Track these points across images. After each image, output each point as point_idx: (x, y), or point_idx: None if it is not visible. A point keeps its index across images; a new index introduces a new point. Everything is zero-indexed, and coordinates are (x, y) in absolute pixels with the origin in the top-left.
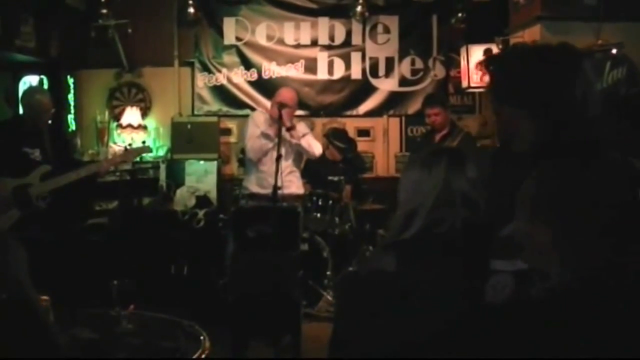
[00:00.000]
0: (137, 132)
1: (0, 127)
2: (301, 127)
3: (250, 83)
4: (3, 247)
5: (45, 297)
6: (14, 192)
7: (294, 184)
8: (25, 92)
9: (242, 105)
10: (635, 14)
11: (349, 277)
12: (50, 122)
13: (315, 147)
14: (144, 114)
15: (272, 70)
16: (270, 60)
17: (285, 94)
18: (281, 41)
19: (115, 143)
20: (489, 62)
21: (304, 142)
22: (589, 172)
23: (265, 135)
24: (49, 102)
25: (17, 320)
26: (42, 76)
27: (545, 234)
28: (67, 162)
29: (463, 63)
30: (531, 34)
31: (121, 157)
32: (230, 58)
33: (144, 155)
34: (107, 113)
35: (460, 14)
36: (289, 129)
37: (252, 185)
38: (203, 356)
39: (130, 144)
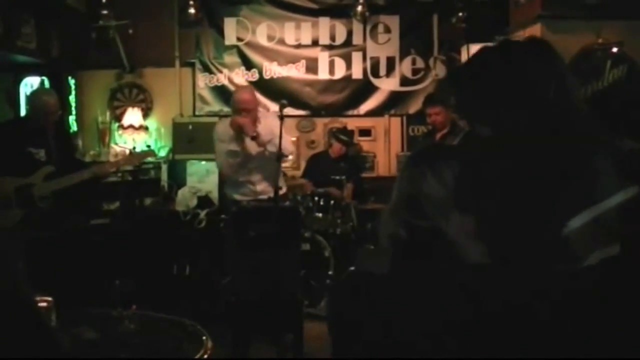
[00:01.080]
0: (139, 133)
1: (5, 127)
2: (269, 129)
3: (251, 83)
4: (5, 245)
5: (48, 298)
6: (17, 191)
7: (271, 189)
8: (32, 94)
9: None
10: (636, 12)
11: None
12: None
13: (284, 148)
14: (145, 115)
15: (273, 70)
16: (271, 60)
17: (242, 97)
18: (282, 41)
19: (116, 144)
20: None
21: (270, 148)
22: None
23: (231, 153)
24: (56, 104)
25: (14, 319)
26: (43, 77)
27: (469, 223)
28: (71, 163)
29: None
30: (532, 33)
31: (125, 161)
32: (231, 58)
33: None
34: (108, 114)
35: (461, 13)
36: (253, 138)
37: (235, 193)
38: (205, 356)
39: (134, 147)
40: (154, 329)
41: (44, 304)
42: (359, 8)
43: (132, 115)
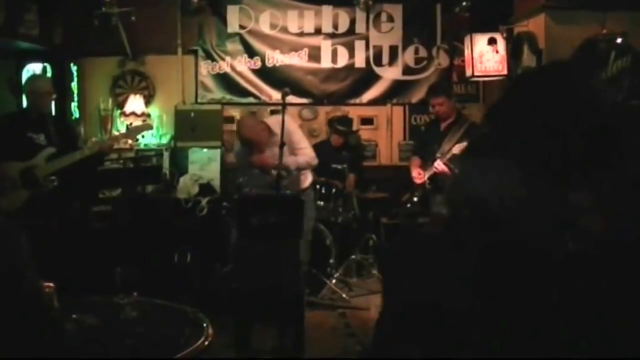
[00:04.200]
0: (141, 120)
1: (6, 117)
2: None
3: (254, 71)
4: (7, 235)
5: (50, 284)
6: (22, 174)
7: (306, 180)
8: (26, 80)
9: (245, 93)
10: None
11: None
12: (52, 108)
13: (307, 163)
14: (148, 102)
15: (275, 58)
16: (274, 48)
17: (244, 135)
18: (285, 29)
19: (118, 131)
20: None
21: (294, 170)
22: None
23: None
24: (49, 87)
25: (20, 308)
26: (46, 64)
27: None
28: (72, 148)
29: (467, 52)
30: (536, 23)
31: (124, 135)
32: (233, 46)
33: (147, 143)
34: (110, 101)
35: (464, 3)
36: (276, 168)
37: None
38: (206, 343)
39: (131, 123)
40: (155, 316)
41: (45, 290)
42: None
43: (134, 103)
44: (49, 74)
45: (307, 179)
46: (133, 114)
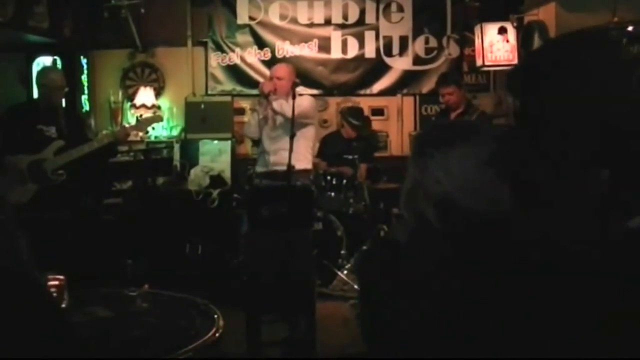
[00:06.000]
0: (151, 112)
1: (17, 108)
2: (297, 103)
3: (264, 62)
4: (9, 235)
5: (60, 277)
6: (29, 167)
7: (297, 161)
8: (39, 72)
9: (255, 84)
10: None
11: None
12: (64, 102)
13: (281, 106)
14: (158, 94)
15: (285, 49)
16: (284, 39)
17: (276, 67)
18: (294, 20)
19: (129, 123)
20: None
21: (275, 105)
22: None
23: (254, 113)
24: (61, 80)
25: (22, 299)
26: (56, 57)
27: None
28: (82, 141)
29: (477, 41)
30: (546, 12)
31: (134, 127)
32: (243, 37)
33: (158, 135)
34: (120, 93)
35: None
36: (266, 96)
37: (258, 165)
38: (217, 335)
39: (141, 115)
40: (166, 308)
41: (56, 283)
42: None
43: (145, 95)
44: (59, 67)
45: (298, 160)
46: (143, 106)
